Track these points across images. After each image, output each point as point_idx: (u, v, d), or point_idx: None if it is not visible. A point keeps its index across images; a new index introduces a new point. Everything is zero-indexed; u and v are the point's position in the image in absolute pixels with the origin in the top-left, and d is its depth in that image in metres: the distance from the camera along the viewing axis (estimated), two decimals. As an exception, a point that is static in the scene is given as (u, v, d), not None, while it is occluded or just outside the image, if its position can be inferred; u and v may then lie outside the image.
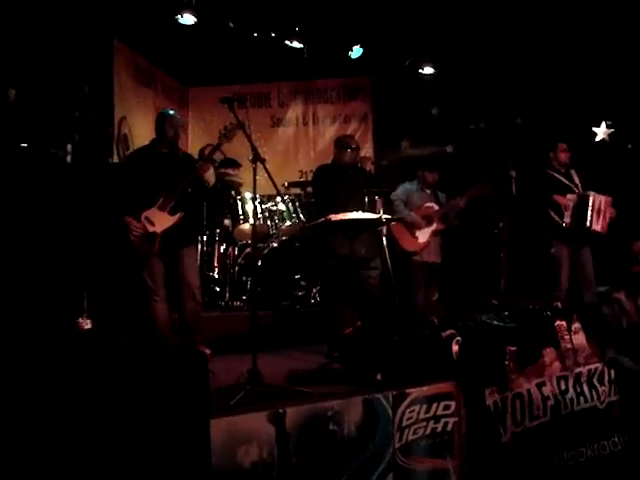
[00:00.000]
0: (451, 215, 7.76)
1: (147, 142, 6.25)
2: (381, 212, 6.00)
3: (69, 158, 7.24)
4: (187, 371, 3.69)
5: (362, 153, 9.49)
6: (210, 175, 6.04)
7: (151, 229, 5.78)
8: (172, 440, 3.52)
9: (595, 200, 7.14)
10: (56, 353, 3.73)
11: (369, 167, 7.77)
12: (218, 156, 8.19)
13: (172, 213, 5.85)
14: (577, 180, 7.48)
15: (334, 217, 5.60)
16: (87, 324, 6.28)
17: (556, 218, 7.28)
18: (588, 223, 7.10)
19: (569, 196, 7.26)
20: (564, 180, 7.41)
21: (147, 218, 5.79)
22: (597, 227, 7.13)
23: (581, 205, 7.17)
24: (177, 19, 8.13)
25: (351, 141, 6.91)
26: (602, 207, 7.15)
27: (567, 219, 7.21)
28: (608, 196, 7.22)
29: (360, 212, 5.77)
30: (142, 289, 5.91)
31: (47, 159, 6.98)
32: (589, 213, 7.10)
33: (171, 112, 6.25)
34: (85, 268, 6.85)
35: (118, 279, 6.78)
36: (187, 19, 8.14)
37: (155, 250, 5.80)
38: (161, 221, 5.82)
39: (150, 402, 3.51)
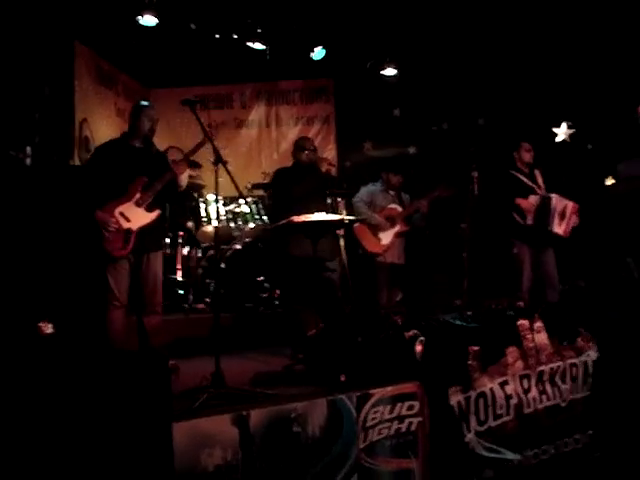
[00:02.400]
0: (416, 217, 7.79)
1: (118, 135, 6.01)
2: (344, 213, 6.01)
3: (29, 160, 7.15)
4: (148, 374, 3.66)
5: (325, 154, 9.53)
6: (184, 178, 5.82)
7: (126, 225, 5.49)
8: (134, 444, 3.48)
9: (558, 203, 7.16)
10: (16, 358, 3.68)
11: (326, 168, 7.75)
12: (178, 156, 8.16)
13: (149, 210, 5.61)
14: (540, 181, 7.49)
15: (297, 219, 5.59)
16: (48, 328, 6.18)
17: (518, 218, 7.31)
18: (549, 225, 7.14)
19: (531, 198, 7.27)
20: (527, 181, 7.43)
21: (122, 214, 5.50)
22: (559, 230, 7.15)
23: (543, 207, 7.19)
24: (138, 20, 8.06)
25: (307, 143, 6.92)
26: (567, 212, 7.16)
27: (529, 221, 7.23)
28: (575, 203, 7.24)
29: (322, 213, 5.76)
30: (102, 292, 5.64)
31: (6, 161, 6.88)
32: (551, 215, 7.15)
33: (146, 103, 5.98)
34: (46, 272, 6.77)
35: (78, 281, 6.64)
36: (148, 20, 8.07)
37: (130, 249, 5.50)
38: (138, 217, 5.55)
39: (111, 406, 3.48)
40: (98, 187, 5.57)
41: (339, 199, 6.39)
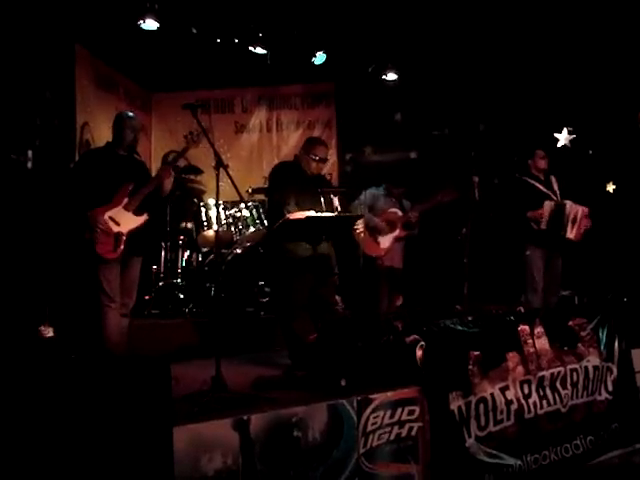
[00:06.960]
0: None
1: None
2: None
3: (30, 164, 7.15)
4: (149, 378, 3.65)
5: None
6: (169, 183, 5.91)
7: (116, 229, 5.58)
8: (134, 448, 3.48)
9: (571, 209, 7.29)
10: (17, 361, 3.67)
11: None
12: (182, 162, 8.17)
13: (138, 214, 5.72)
14: (556, 187, 7.59)
15: (292, 216, 5.57)
16: (49, 332, 6.19)
17: (532, 223, 7.37)
18: (562, 231, 7.26)
19: (546, 203, 7.36)
20: (542, 187, 7.52)
21: (112, 218, 5.60)
22: (571, 235, 7.29)
23: (558, 213, 7.32)
24: (140, 24, 8.05)
25: (319, 150, 6.41)
26: (578, 217, 7.29)
27: (543, 226, 7.33)
28: (585, 207, 7.36)
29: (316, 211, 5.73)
30: (95, 294, 5.69)
31: (7, 165, 6.88)
32: (565, 221, 7.26)
33: (130, 114, 6.09)
34: (47, 275, 6.77)
35: (76, 284, 6.63)
36: (150, 24, 8.04)
37: (120, 252, 5.59)
38: (127, 221, 5.66)
39: (112, 410, 3.47)
40: (86, 191, 5.65)
41: (332, 196, 6.27)
